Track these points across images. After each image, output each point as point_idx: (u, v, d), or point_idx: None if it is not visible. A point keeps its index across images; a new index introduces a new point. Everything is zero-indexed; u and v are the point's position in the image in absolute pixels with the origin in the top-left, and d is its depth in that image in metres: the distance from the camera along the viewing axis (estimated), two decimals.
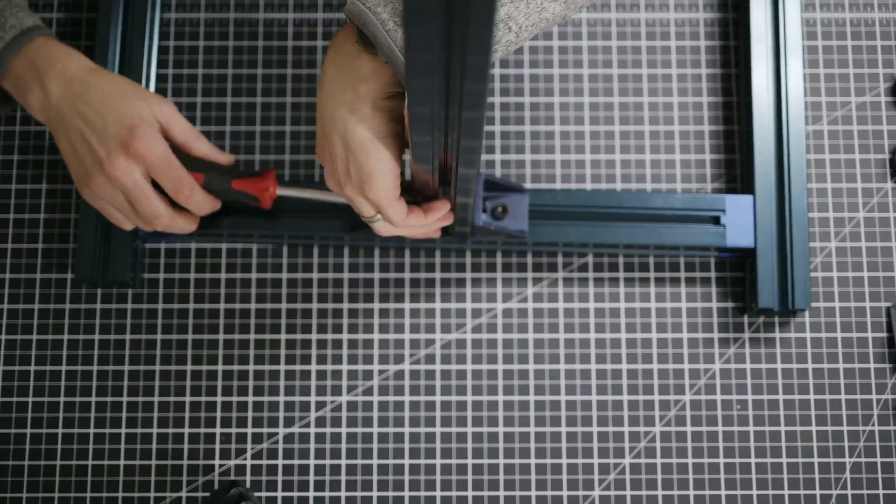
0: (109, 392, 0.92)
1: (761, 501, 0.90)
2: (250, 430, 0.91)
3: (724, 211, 0.90)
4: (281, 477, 0.90)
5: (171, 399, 0.91)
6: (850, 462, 0.90)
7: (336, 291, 0.93)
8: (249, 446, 0.91)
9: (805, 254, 0.90)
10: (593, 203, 0.90)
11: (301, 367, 0.92)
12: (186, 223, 0.86)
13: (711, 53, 0.98)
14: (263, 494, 0.90)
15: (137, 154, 0.82)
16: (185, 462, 0.91)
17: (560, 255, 0.94)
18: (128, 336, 0.93)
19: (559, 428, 0.91)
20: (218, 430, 0.91)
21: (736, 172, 0.95)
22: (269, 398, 0.92)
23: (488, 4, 0.45)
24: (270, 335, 0.93)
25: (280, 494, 0.90)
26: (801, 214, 0.90)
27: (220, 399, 0.91)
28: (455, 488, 0.90)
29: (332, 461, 0.90)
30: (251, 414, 0.91)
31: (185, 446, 0.91)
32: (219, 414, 0.91)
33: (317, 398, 0.92)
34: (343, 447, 0.91)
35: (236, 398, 0.92)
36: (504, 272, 0.94)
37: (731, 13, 0.98)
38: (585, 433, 0.91)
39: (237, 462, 0.91)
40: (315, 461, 0.90)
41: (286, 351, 0.92)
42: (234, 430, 0.91)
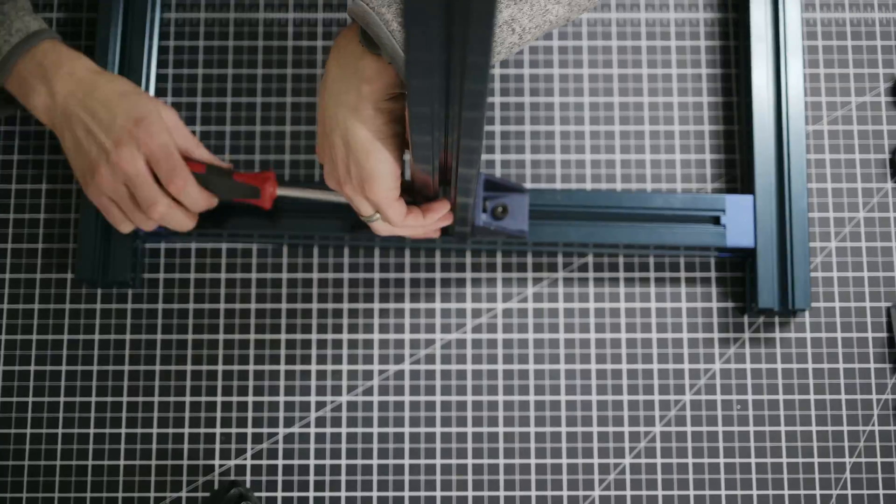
0: (109, 392, 0.92)
1: (761, 501, 0.89)
2: (250, 430, 0.91)
3: (724, 211, 0.90)
4: (281, 477, 0.90)
5: (171, 399, 0.91)
6: (850, 462, 0.90)
7: (336, 291, 0.93)
8: (249, 446, 0.91)
9: (805, 254, 0.90)
10: (593, 203, 0.90)
11: (301, 367, 0.92)
12: (185, 217, 0.86)
13: (711, 53, 0.98)
14: (263, 494, 0.90)
15: (141, 142, 0.82)
16: (185, 462, 0.91)
17: (560, 255, 0.94)
18: (128, 336, 0.93)
19: (559, 428, 0.91)
20: (218, 430, 0.91)
21: (736, 172, 0.95)
22: (269, 398, 0.92)
23: (488, 4, 0.45)
24: (270, 335, 0.93)
25: (280, 494, 0.90)
26: (801, 214, 0.90)
27: (220, 399, 0.91)
28: (455, 488, 0.90)
29: (332, 461, 0.90)
30: (251, 414, 0.91)
31: (185, 446, 0.91)
32: (219, 414, 0.91)
33: (317, 398, 0.92)
34: (343, 447, 0.91)
35: (236, 398, 0.92)
36: (504, 272, 0.94)
37: (731, 13, 0.98)
38: (585, 433, 0.91)
39: (237, 462, 0.91)
40: (315, 461, 0.90)
41: (286, 351, 0.92)
42: (234, 430, 0.91)
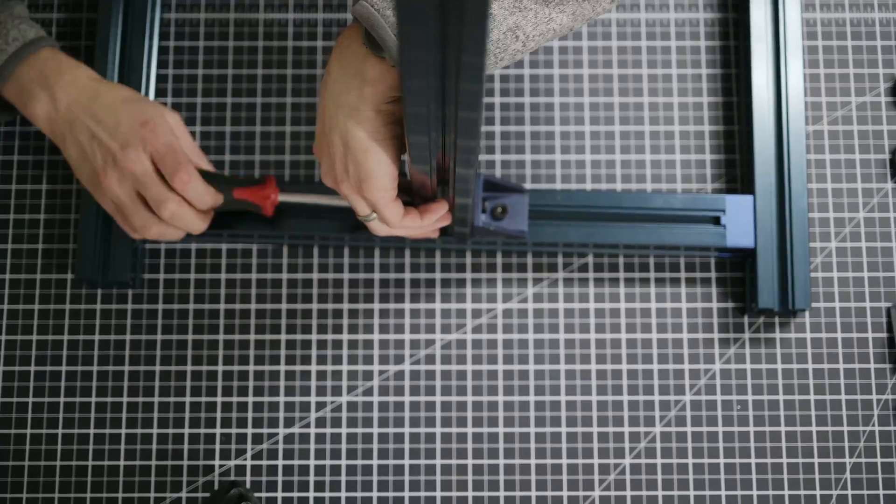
0: (109, 392, 0.92)
1: (761, 501, 0.89)
2: (250, 431, 0.91)
3: (724, 211, 0.90)
4: (281, 477, 0.90)
5: (171, 399, 0.91)
6: (850, 462, 0.90)
7: (336, 291, 0.93)
8: (249, 446, 0.91)
9: (805, 254, 0.89)
10: (593, 203, 0.90)
11: (301, 368, 0.92)
12: (195, 218, 0.85)
13: (711, 53, 0.98)
14: (263, 495, 0.90)
15: (147, 142, 0.83)
16: (185, 462, 0.91)
17: (560, 256, 0.94)
18: (128, 336, 0.93)
19: (559, 428, 0.91)
20: (218, 431, 0.91)
21: (736, 172, 0.95)
22: (269, 398, 0.92)
23: (482, 4, 0.45)
24: (270, 335, 0.93)
25: (280, 495, 0.90)
26: (801, 214, 0.90)
27: (220, 399, 0.92)
28: (455, 488, 0.90)
29: (332, 461, 0.90)
30: (251, 414, 0.91)
31: (185, 446, 0.91)
32: (219, 414, 0.91)
33: (317, 398, 0.92)
34: (343, 447, 0.91)
35: (236, 398, 0.92)
36: (504, 272, 0.94)
37: (731, 13, 0.98)
38: (585, 433, 0.91)
39: (237, 462, 0.91)
40: (315, 461, 0.90)
41: (286, 351, 0.92)
42: (234, 431, 0.91)
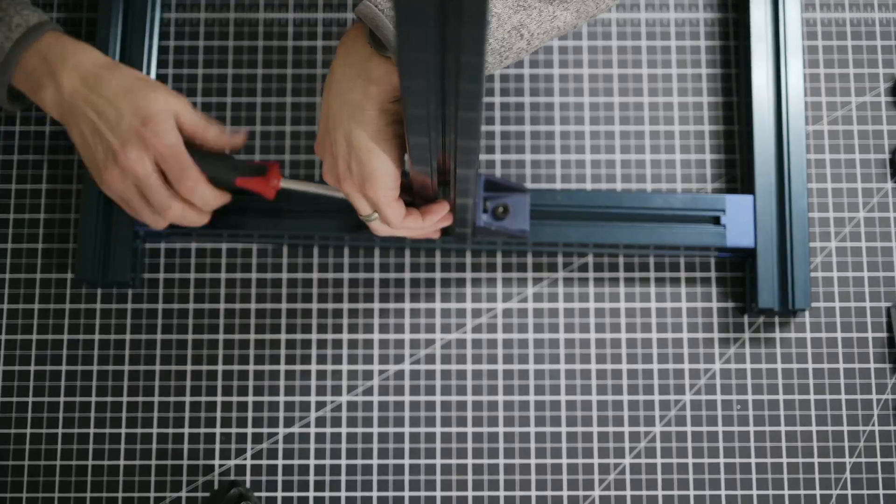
0: (109, 392, 0.92)
1: (761, 501, 0.89)
2: (250, 430, 0.91)
3: (724, 211, 0.90)
4: (281, 477, 0.90)
5: (171, 399, 0.91)
6: (850, 462, 0.90)
7: (336, 291, 0.93)
8: (249, 446, 0.91)
9: (805, 254, 0.89)
10: (593, 203, 0.90)
11: (301, 367, 0.92)
12: (198, 216, 0.85)
13: (711, 53, 0.98)
14: (263, 494, 0.90)
15: (149, 143, 0.82)
16: (185, 462, 0.91)
17: (560, 255, 0.94)
18: (128, 336, 0.93)
19: (559, 428, 0.91)
20: (218, 430, 0.91)
21: (736, 172, 0.95)
22: (269, 398, 0.92)
23: (481, 4, 0.45)
24: (270, 335, 0.93)
25: (280, 494, 0.90)
26: (801, 214, 0.90)
27: (220, 399, 0.92)
28: (455, 488, 0.90)
29: (332, 461, 0.90)
30: (251, 414, 0.91)
31: (185, 446, 0.91)
32: (219, 414, 0.91)
33: (317, 398, 0.92)
34: (343, 447, 0.91)
35: (236, 398, 0.92)
36: (504, 272, 0.94)
37: (731, 13, 0.98)
38: (585, 433, 0.91)
39: (237, 462, 0.91)
40: (315, 461, 0.91)
41: (286, 351, 0.92)
42: (234, 430, 0.91)
